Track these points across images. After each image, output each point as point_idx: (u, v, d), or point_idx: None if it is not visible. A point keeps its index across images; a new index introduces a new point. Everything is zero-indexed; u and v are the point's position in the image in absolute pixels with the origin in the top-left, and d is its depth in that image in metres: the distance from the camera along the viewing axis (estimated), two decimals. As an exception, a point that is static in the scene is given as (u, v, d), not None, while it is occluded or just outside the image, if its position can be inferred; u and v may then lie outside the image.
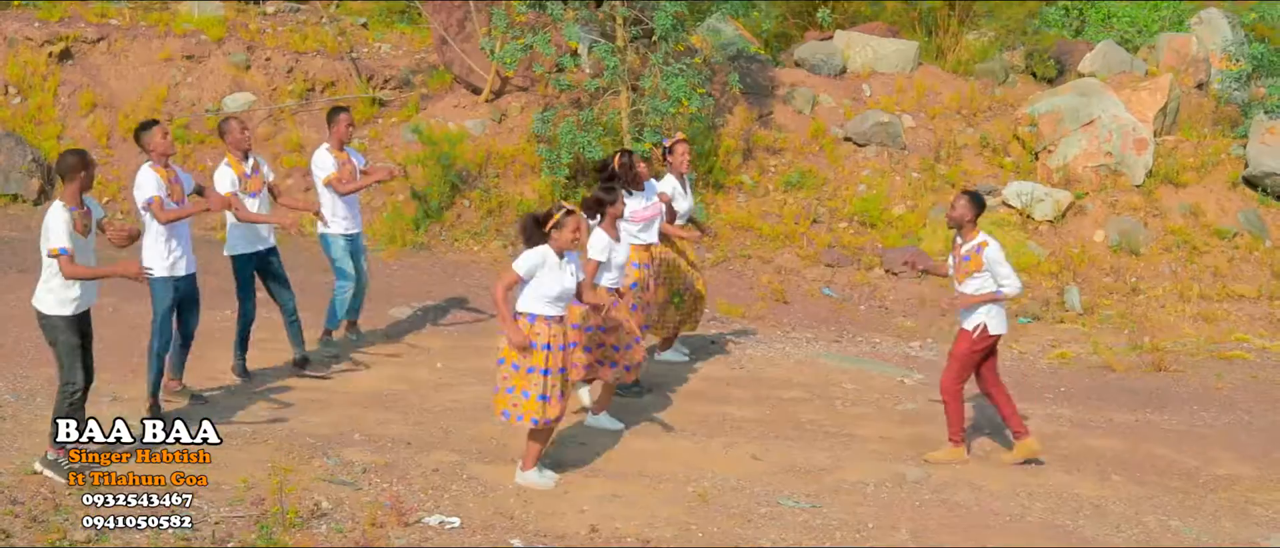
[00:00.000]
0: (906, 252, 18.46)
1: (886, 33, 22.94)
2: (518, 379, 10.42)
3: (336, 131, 13.86)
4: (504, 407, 10.49)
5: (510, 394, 10.44)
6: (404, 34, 23.30)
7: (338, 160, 13.80)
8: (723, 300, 17.28)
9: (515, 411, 10.46)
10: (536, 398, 10.43)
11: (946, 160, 20.50)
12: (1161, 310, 17.74)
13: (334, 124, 13.90)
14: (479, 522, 10.01)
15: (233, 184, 12.72)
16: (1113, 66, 21.75)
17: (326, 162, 13.78)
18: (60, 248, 10.04)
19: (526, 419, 10.48)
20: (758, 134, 20.67)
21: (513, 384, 10.43)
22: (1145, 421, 13.58)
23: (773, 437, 12.38)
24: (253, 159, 12.97)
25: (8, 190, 19.53)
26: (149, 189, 11.54)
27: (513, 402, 10.45)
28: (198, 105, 21.08)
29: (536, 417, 10.46)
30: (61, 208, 10.11)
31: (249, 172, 12.87)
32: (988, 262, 11.54)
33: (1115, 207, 19.46)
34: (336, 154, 13.83)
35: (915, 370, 14.88)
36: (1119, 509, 11.10)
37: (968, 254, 11.65)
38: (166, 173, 11.64)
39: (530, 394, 10.44)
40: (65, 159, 10.24)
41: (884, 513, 10.69)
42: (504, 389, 10.47)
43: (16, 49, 21.11)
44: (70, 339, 10.31)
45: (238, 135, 12.85)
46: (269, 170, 13.18)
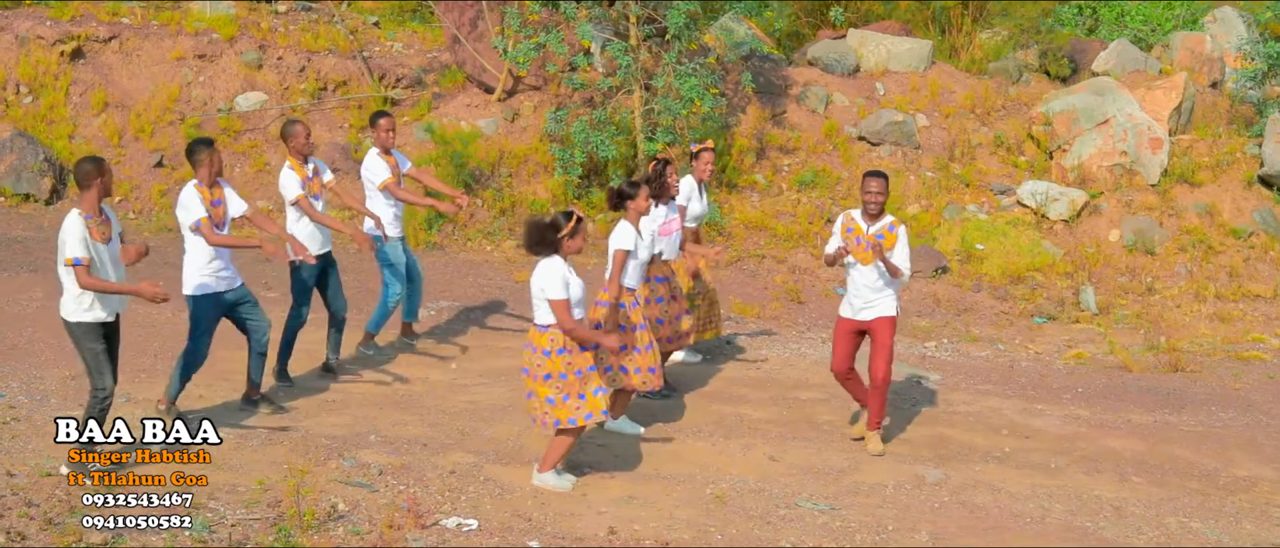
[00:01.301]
0: (919, 251, 18.41)
1: (900, 31, 22.87)
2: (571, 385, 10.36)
3: (379, 136, 13.74)
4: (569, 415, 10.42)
5: (567, 402, 10.37)
6: (416, 33, 23.25)
7: (387, 164, 13.70)
8: (737, 300, 17.22)
9: (580, 413, 10.41)
10: (593, 392, 10.44)
11: (960, 160, 20.43)
12: (1177, 310, 17.67)
13: (376, 128, 13.78)
14: (496, 524, 9.95)
15: (299, 188, 12.66)
16: (1127, 65, 21.68)
17: (379, 167, 13.66)
18: (75, 258, 9.98)
19: (597, 415, 10.47)
20: (771, 133, 20.61)
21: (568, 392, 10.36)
22: (1163, 421, 13.50)
23: (790, 438, 12.32)
24: (313, 163, 12.91)
25: (20, 190, 19.48)
26: (196, 211, 11.42)
27: (576, 407, 10.40)
28: (209, 105, 21.03)
29: (605, 408, 10.49)
30: (77, 216, 10.04)
31: (311, 175, 12.82)
32: (901, 240, 11.71)
33: (1130, 206, 19.39)
34: (386, 158, 13.74)
35: (933, 371, 14.80)
36: (1139, 511, 11.03)
37: (882, 233, 11.69)
38: (211, 193, 11.55)
39: (586, 395, 10.42)
40: (81, 167, 10.17)
41: (903, 515, 10.63)
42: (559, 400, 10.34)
43: (28, 48, 21.06)
44: (93, 346, 10.26)
45: (301, 141, 12.79)
46: (326, 170, 13.11)
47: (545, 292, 10.26)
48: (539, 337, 10.38)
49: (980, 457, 12.10)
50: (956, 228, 19.15)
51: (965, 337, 16.53)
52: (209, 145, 11.55)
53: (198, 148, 11.53)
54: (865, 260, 11.71)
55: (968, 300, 17.84)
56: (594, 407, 10.44)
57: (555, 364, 10.33)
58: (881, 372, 11.83)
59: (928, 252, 18.54)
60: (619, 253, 11.55)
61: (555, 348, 10.33)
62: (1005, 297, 17.92)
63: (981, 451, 12.28)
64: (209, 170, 11.48)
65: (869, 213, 11.73)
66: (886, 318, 11.84)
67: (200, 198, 11.46)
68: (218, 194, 11.60)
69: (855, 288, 11.88)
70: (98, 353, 10.27)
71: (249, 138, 20.73)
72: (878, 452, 12.07)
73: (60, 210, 19.30)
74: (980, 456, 12.13)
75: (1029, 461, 12.09)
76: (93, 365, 10.27)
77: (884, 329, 11.83)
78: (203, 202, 11.45)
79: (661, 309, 12.67)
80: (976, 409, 13.53)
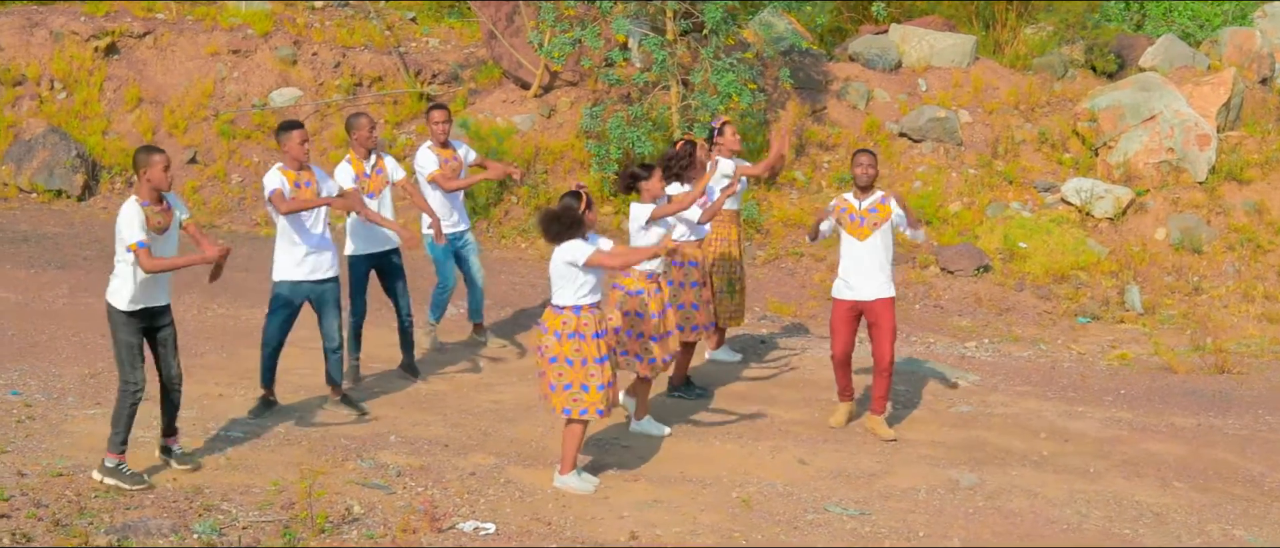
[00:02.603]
0: (961, 249, 18.10)
1: (943, 26, 22.55)
2: (574, 373, 10.14)
3: (433, 129, 13.53)
4: (565, 404, 10.22)
5: (568, 390, 10.18)
6: (453, 28, 23.04)
7: (441, 157, 13.47)
8: (773, 299, 16.94)
9: (577, 405, 10.21)
10: (597, 388, 10.21)
11: (1004, 156, 20.11)
12: (1224, 310, 17.31)
13: (430, 122, 13.58)
14: (515, 528, 9.71)
15: (352, 182, 12.43)
16: (1174, 61, 21.30)
17: (428, 159, 13.44)
18: (138, 242, 9.74)
19: (592, 411, 10.24)
20: (811, 130, 20.33)
21: (570, 380, 10.16)
22: (1208, 424, 13.14)
23: (821, 441, 12.02)
24: (375, 157, 12.65)
25: (52, 186, 19.36)
26: (272, 184, 11.32)
27: (573, 397, 10.20)
28: (243, 100, 20.87)
29: (601, 407, 10.25)
30: (134, 202, 9.82)
31: (369, 170, 12.56)
32: (895, 207, 11.93)
33: (1177, 204, 19.03)
34: (439, 151, 13.50)
35: (971, 372, 14.49)
36: (1181, 518, 10.69)
37: (874, 206, 11.88)
38: (296, 175, 11.38)
39: (589, 386, 10.20)
40: (136, 155, 9.98)
41: (935, 521, 10.33)
42: (560, 387, 10.18)
43: (63, 44, 20.95)
44: (127, 337, 10.01)
45: (365, 133, 12.54)
46: (397, 168, 12.82)
47: (574, 262, 10.03)
48: (554, 318, 10.17)
49: (1017, 461, 11.77)
50: (999, 226, 18.83)
51: (1007, 337, 16.21)
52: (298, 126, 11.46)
53: (281, 130, 11.49)
54: (859, 236, 11.85)
55: (1010, 300, 17.53)
56: (590, 401, 10.20)
57: (563, 348, 10.12)
58: (887, 354, 11.99)
59: (969, 250, 18.22)
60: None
61: (567, 331, 10.12)
62: (1048, 296, 17.59)
63: (1018, 454, 11.95)
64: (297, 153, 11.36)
65: (860, 185, 11.93)
66: (886, 299, 11.97)
67: (284, 179, 11.34)
68: (308, 176, 11.46)
69: (849, 267, 11.99)
70: (131, 346, 10.03)
71: (283, 134, 20.54)
72: (889, 436, 12.12)
73: (92, 207, 19.20)
74: (1017, 459, 11.80)
75: (1067, 465, 11.75)
76: (124, 357, 10.04)
77: (885, 311, 11.96)
78: (286, 182, 11.33)
79: (696, 294, 12.38)
80: (1014, 411, 13.20)
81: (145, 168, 9.88)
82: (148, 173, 9.87)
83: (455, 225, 13.62)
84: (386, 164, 12.69)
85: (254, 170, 19.98)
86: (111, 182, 19.73)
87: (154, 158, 9.91)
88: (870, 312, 11.98)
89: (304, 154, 11.41)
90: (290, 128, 11.43)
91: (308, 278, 11.53)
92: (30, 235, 17.69)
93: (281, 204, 11.26)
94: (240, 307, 15.18)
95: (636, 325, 11.30)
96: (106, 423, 11.07)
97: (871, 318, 12.00)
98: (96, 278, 15.82)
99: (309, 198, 11.37)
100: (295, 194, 11.34)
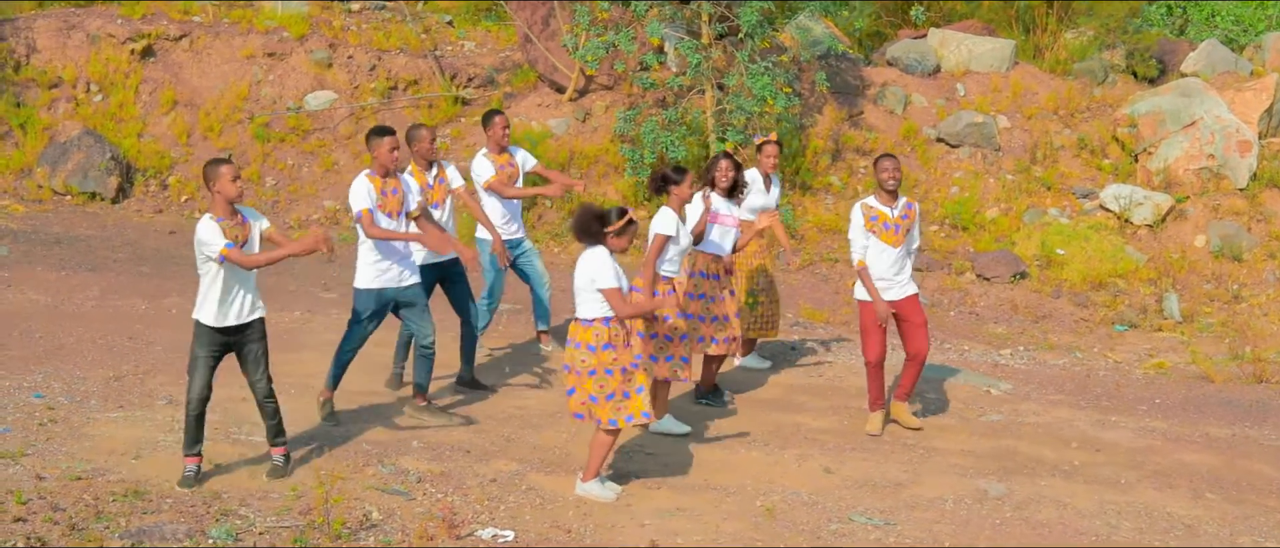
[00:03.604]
0: (998, 256, 17.94)
1: (982, 31, 22.38)
2: (615, 383, 10.05)
3: (492, 135, 13.40)
4: (610, 415, 10.13)
5: (611, 400, 10.09)
6: (489, 32, 22.98)
7: (497, 163, 13.36)
8: (806, 305, 16.80)
9: (622, 412, 10.12)
10: (636, 391, 10.12)
11: (1042, 162, 19.93)
12: (1265, 319, 17.08)
13: (488, 127, 13.44)
14: (534, 535, 9.60)
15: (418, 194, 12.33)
16: (1216, 66, 21.08)
17: (485, 166, 13.29)
18: (226, 243, 9.67)
19: (638, 416, 10.15)
20: (847, 134, 20.19)
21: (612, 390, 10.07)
22: (1243, 435, 12.94)
23: (848, 449, 11.87)
24: (437, 168, 12.47)
25: (86, 189, 19.38)
26: (360, 201, 11.23)
27: (617, 406, 10.11)
28: (278, 103, 20.87)
29: (646, 411, 10.17)
30: (208, 220, 9.71)
31: (432, 181, 12.39)
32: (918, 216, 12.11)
33: (1217, 211, 18.81)
34: (496, 158, 13.38)
35: (1004, 380, 14.31)
36: (1213, 530, 10.50)
37: (905, 213, 11.98)
38: (382, 183, 11.33)
39: (630, 393, 10.11)
40: (205, 169, 9.86)
41: (962, 531, 10.17)
42: (602, 398, 10.06)
43: (99, 46, 20.98)
44: (198, 349, 9.96)
45: (426, 145, 12.34)
46: (457, 176, 12.64)
47: (595, 282, 9.95)
48: (583, 331, 10.05)
49: (1047, 470, 11.59)
50: (1037, 232, 18.66)
51: (1042, 344, 16.03)
52: (389, 133, 11.37)
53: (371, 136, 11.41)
54: (894, 243, 11.89)
55: (1046, 307, 17.34)
56: (635, 407, 10.12)
57: (600, 359, 10.01)
58: (924, 346, 12.14)
59: (1006, 256, 18.05)
60: (658, 237, 11.36)
61: (600, 343, 10.01)
62: (1086, 304, 17.40)
63: (1049, 464, 11.77)
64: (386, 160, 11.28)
65: (887, 189, 11.89)
66: (915, 295, 12.14)
67: (370, 186, 11.28)
68: (394, 183, 11.38)
69: (882, 272, 11.97)
70: (197, 358, 9.97)
71: (318, 137, 20.56)
72: (916, 425, 12.43)
73: (125, 210, 19.22)
74: (1047, 469, 11.62)
75: (1099, 475, 11.57)
76: (191, 369, 10.01)
77: (916, 307, 12.11)
78: (372, 189, 11.27)
79: (703, 306, 12.28)
80: (1047, 420, 13.03)
81: (214, 180, 9.76)
82: (217, 185, 9.75)
83: (513, 233, 13.48)
84: (448, 174, 12.54)
85: (288, 174, 19.97)
86: (145, 184, 19.74)
87: (221, 169, 9.78)
88: (902, 310, 12.03)
89: (393, 162, 11.32)
90: (381, 135, 11.34)
91: (393, 284, 11.45)
92: (63, 238, 17.70)
93: (371, 230, 11.19)
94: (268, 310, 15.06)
95: (652, 327, 11.24)
96: (129, 426, 11.12)
97: (905, 315, 12.05)
98: (127, 281, 15.86)
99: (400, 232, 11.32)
100: (381, 201, 11.26)
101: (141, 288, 15.70)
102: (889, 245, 11.89)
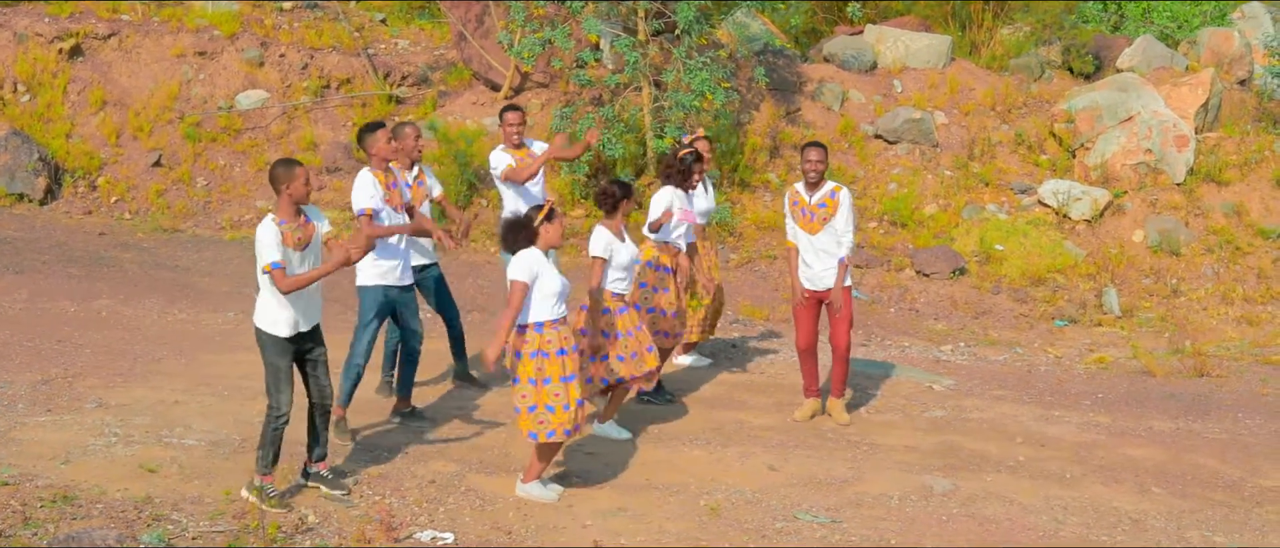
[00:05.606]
0: (937, 251, 17.88)
1: (919, 27, 22.31)
2: (537, 394, 9.83)
3: (506, 131, 13.19)
4: (531, 428, 9.89)
5: (533, 412, 9.85)
6: (422, 30, 22.75)
7: (516, 158, 13.12)
8: (746, 303, 16.67)
9: (544, 428, 9.88)
10: (562, 408, 9.89)
11: (980, 158, 19.88)
12: (1203, 313, 17.09)
13: (504, 124, 13.24)
14: (474, 537, 9.43)
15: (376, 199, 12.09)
16: (1152, 62, 21.09)
17: (501, 159, 13.07)
18: (272, 263, 9.35)
19: (559, 433, 9.93)
20: (785, 131, 20.08)
21: (534, 401, 9.84)
22: (1187, 429, 12.90)
23: (791, 446, 11.74)
24: (417, 169, 12.17)
25: (13, 190, 19.01)
26: (363, 199, 11.07)
27: (539, 420, 9.87)
28: (210, 103, 20.56)
29: (568, 428, 9.95)
30: (270, 221, 9.41)
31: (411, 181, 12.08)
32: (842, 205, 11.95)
33: (1155, 206, 18.81)
34: (514, 152, 13.14)
35: (946, 376, 14.23)
36: (1160, 524, 10.44)
37: (823, 201, 11.98)
38: (386, 177, 11.17)
39: (554, 407, 9.88)
40: (272, 170, 9.58)
41: (908, 528, 10.07)
42: (525, 409, 9.86)
43: (26, 46, 20.61)
44: (277, 361, 9.62)
45: (410, 143, 12.04)
46: (437, 184, 12.36)
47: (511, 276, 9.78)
48: (515, 338, 9.86)
49: (992, 466, 11.50)
50: (975, 228, 18.60)
51: (983, 340, 15.97)
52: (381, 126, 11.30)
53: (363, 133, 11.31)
54: (811, 230, 11.96)
55: (986, 303, 17.28)
56: (558, 423, 9.89)
57: (526, 368, 9.81)
58: (844, 340, 12.15)
59: (945, 252, 17.99)
60: (597, 262, 11.02)
61: (529, 351, 9.82)
62: (1025, 299, 17.35)
63: (994, 460, 11.68)
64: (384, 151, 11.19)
65: (809, 182, 12.01)
66: (847, 289, 12.06)
67: (376, 182, 11.15)
68: (394, 178, 11.27)
69: (806, 259, 12.06)
70: (278, 369, 9.64)
71: (249, 137, 20.26)
72: (845, 421, 12.37)
73: (54, 211, 18.88)
74: (992, 465, 11.53)
75: (1044, 470, 11.49)
76: (270, 382, 9.67)
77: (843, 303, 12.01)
78: (378, 184, 11.13)
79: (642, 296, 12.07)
80: (990, 416, 12.95)
81: (288, 182, 9.46)
82: (290, 187, 9.46)
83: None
84: (428, 178, 12.30)
85: (220, 174, 19.68)
86: (74, 185, 19.38)
87: (295, 171, 9.51)
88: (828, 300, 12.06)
89: (391, 152, 11.23)
90: (374, 129, 11.23)
91: (395, 283, 11.31)
92: (-11, 240, 17.38)
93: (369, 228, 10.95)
94: (201, 311, 14.90)
95: (603, 346, 10.99)
96: (57, 431, 10.85)
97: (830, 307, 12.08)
98: (56, 283, 15.58)
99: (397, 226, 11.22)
100: (388, 195, 11.16)
101: (70, 290, 15.41)
102: (806, 232, 11.99)
